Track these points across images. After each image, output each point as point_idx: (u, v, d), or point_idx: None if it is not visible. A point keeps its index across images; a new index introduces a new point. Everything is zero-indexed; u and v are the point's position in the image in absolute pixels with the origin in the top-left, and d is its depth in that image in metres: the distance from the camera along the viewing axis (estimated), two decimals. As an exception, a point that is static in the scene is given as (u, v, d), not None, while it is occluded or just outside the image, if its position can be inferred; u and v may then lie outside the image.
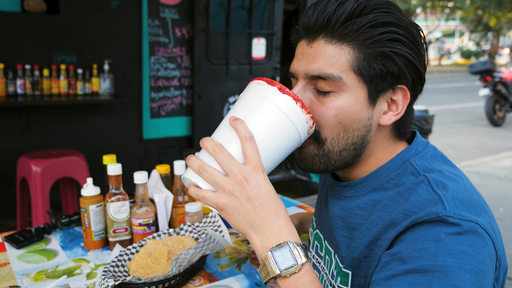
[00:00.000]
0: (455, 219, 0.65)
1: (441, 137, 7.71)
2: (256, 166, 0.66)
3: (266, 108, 0.69)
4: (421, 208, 0.67)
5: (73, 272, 1.15)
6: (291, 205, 1.70)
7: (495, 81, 8.65)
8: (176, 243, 1.19)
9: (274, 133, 0.69)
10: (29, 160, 2.67)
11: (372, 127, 0.78)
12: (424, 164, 0.77)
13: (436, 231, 0.65)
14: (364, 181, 0.81)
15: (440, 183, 0.71)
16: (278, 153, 0.71)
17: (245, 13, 4.00)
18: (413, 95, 0.79)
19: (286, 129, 0.70)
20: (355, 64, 0.74)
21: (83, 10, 3.31)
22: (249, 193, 0.66)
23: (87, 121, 3.45)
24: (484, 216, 0.69)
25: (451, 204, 0.67)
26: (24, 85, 3.12)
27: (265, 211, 0.66)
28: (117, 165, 1.26)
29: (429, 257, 0.62)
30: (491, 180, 5.08)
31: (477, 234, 0.65)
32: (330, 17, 0.74)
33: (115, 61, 3.47)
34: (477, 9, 24.72)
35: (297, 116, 0.70)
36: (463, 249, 0.63)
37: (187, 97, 3.90)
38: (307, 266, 0.66)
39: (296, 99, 0.70)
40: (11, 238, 1.33)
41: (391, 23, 0.73)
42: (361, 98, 0.75)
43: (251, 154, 0.66)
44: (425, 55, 0.77)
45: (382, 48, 0.73)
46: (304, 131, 0.72)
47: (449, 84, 17.23)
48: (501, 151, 6.73)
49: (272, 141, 0.70)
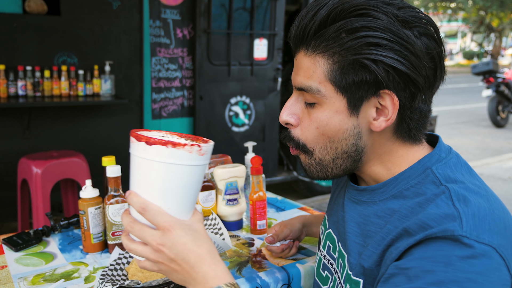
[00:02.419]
0: (470, 240, 0.62)
1: (444, 138, 7.62)
2: (164, 228, 0.67)
3: (146, 167, 0.68)
4: (438, 223, 0.64)
5: (71, 275, 1.14)
6: (293, 207, 1.69)
7: (498, 82, 8.62)
8: (176, 246, 1.17)
9: (167, 183, 0.68)
10: (30, 161, 2.66)
11: (362, 134, 0.75)
12: (447, 172, 0.73)
13: (448, 254, 0.62)
14: (382, 186, 0.78)
15: (462, 197, 0.67)
16: (186, 194, 0.69)
17: (247, 13, 3.99)
18: (410, 97, 0.72)
19: (175, 172, 0.67)
20: (330, 75, 0.72)
21: (84, 11, 3.31)
22: (169, 255, 0.67)
23: (88, 123, 3.44)
24: (505, 235, 0.65)
25: (470, 222, 0.63)
26: (25, 86, 3.11)
27: (188, 265, 0.67)
28: (116, 166, 1.25)
29: (435, 281, 0.61)
30: (494, 182, 5.05)
31: (490, 259, 0.62)
32: (305, 28, 0.73)
33: (116, 62, 3.46)
34: (479, 10, 24.68)
35: (175, 156, 0.67)
36: (472, 278, 0.60)
37: (188, 98, 3.89)
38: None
39: (163, 143, 0.66)
40: (9, 241, 1.32)
41: (363, 27, 0.68)
42: (341, 109, 0.73)
43: (154, 220, 0.67)
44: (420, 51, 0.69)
45: (355, 55, 0.69)
46: (194, 159, 0.68)
47: (451, 85, 17.18)
48: (504, 152, 6.69)
49: (172, 190, 0.68)
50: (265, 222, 1.42)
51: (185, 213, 0.70)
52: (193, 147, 0.67)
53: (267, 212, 1.47)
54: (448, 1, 24.77)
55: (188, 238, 0.67)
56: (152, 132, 0.76)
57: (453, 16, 27.09)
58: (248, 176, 1.54)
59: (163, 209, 0.67)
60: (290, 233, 1.23)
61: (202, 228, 0.70)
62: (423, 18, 0.71)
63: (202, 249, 0.68)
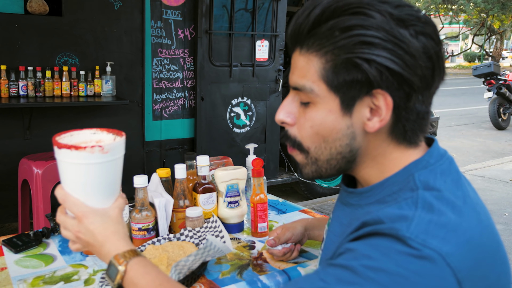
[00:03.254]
0: (414, 242, 0.60)
1: (445, 140, 7.67)
2: (78, 217, 0.80)
3: (61, 167, 0.80)
4: (390, 220, 0.64)
5: (71, 278, 1.13)
6: (294, 209, 1.68)
7: (499, 84, 8.61)
8: (177, 249, 1.16)
9: (79, 180, 0.79)
10: (31, 162, 2.66)
11: (356, 135, 0.73)
12: (428, 179, 0.70)
13: (389, 246, 0.62)
14: (369, 190, 0.77)
15: (428, 204, 0.65)
16: (99, 187, 0.80)
17: (248, 14, 3.98)
18: (405, 97, 0.70)
19: (82, 170, 0.78)
20: (322, 74, 0.71)
21: (85, 12, 3.30)
22: (85, 239, 0.81)
23: (89, 123, 3.43)
24: (467, 249, 0.62)
25: (420, 227, 0.62)
26: (26, 86, 3.11)
27: (99, 244, 0.80)
28: (116, 168, 1.24)
29: (368, 265, 0.61)
30: (495, 184, 5.04)
31: (433, 264, 0.59)
32: (299, 27, 0.72)
33: (117, 63, 3.45)
34: (480, 12, 24.68)
35: (79, 157, 0.76)
36: (405, 274, 0.59)
37: (189, 99, 3.89)
38: (130, 266, 0.77)
39: (68, 147, 0.76)
40: (9, 242, 1.31)
41: (356, 26, 0.67)
42: (334, 108, 0.72)
43: (71, 210, 0.81)
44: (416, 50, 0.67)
45: (347, 54, 0.67)
46: (98, 158, 0.77)
47: (453, 87, 17.17)
48: (505, 154, 6.68)
49: (84, 186, 0.79)
50: (266, 225, 1.42)
51: (102, 203, 0.81)
52: (94, 148, 0.76)
53: (268, 215, 1.47)
54: (450, 3, 24.76)
55: (98, 224, 0.80)
56: (83, 131, 0.86)
57: (455, 18, 27.09)
58: (249, 178, 1.53)
59: (81, 201, 0.80)
60: (292, 236, 1.22)
61: (115, 213, 0.82)
62: (420, 17, 0.69)
63: (108, 231, 0.80)
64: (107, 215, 0.81)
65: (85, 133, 0.87)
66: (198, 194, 1.39)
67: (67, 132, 0.85)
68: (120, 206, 0.84)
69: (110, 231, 0.80)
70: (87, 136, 0.86)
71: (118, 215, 0.83)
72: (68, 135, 0.85)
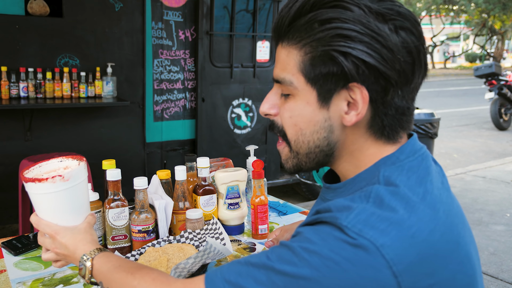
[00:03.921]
0: (350, 231, 0.62)
1: (446, 140, 7.65)
2: (51, 236, 0.92)
3: (31, 196, 0.90)
4: (336, 210, 0.66)
5: (70, 280, 1.12)
6: (295, 211, 1.67)
7: (500, 85, 8.59)
8: (177, 251, 1.16)
9: (46, 206, 0.90)
10: (31, 163, 2.65)
11: (334, 128, 0.73)
12: (391, 175, 0.70)
13: (328, 232, 0.64)
14: (343, 186, 0.78)
15: (379, 198, 0.66)
16: (66, 210, 0.91)
17: (249, 15, 3.98)
18: (382, 91, 0.69)
19: (48, 198, 0.88)
20: (301, 67, 0.72)
21: (86, 13, 3.30)
22: (61, 252, 0.93)
23: (90, 124, 3.43)
24: (410, 244, 0.62)
25: (360, 217, 0.63)
26: (27, 88, 3.11)
27: (71, 253, 0.91)
28: (116, 170, 1.23)
29: (306, 247, 0.64)
30: (497, 185, 5.03)
31: (367, 253, 0.60)
32: (281, 20, 0.73)
33: (118, 64, 3.45)
34: (482, 13, 24.65)
35: (43, 188, 0.87)
36: (337, 259, 0.61)
37: (190, 100, 3.88)
38: (95, 260, 0.87)
39: (32, 180, 0.86)
40: (9, 245, 1.31)
41: (333, 19, 0.67)
42: (311, 101, 0.73)
43: (45, 231, 0.93)
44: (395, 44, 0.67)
45: (324, 47, 0.68)
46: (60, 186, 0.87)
47: (454, 87, 17.15)
48: (507, 155, 6.66)
49: (52, 211, 0.91)
50: (266, 227, 1.41)
51: (73, 221, 0.93)
52: (55, 178, 0.86)
53: (268, 217, 1.46)
54: (451, 4, 24.74)
55: (68, 237, 0.91)
56: (51, 161, 0.97)
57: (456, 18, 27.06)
58: (250, 180, 1.52)
59: (53, 222, 0.92)
60: (291, 238, 1.21)
61: (83, 226, 0.94)
62: (401, 12, 0.69)
63: (76, 240, 0.91)
64: (76, 229, 0.93)
65: (53, 162, 0.97)
66: (198, 196, 1.39)
67: (36, 163, 0.96)
68: (89, 221, 0.96)
69: (79, 239, 0.91)
70: (55, 164, 0.97)
71: (86, 227, 0.94)
72: (37, 166, 0.96)
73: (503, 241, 3.52)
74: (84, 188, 0.94)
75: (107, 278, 0.84)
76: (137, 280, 0.79)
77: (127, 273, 0.81)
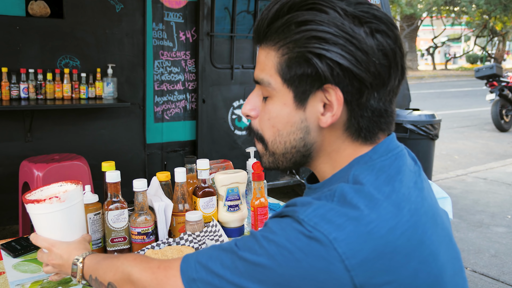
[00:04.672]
0: (307, 224, 0.64)
1: (447, 142, 7.65)
2: (48, 249, 1.02)
3: (31, 216, 1.00)
4: (300, 204, 0.69)
5: (69, 283, 1.12)
6: (295, 213, 1.66)
7: (501, 86, 8.58)
8: (176, 254, 1.15)
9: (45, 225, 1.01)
10: (31, 164, 2.65)
11: (310, 129, 0.74)
12: (360, 174, 0.70)
13: (289, 223, 0.67)
14: (321, 186, 0.78)
15: (342, 195, 0.67)
16: (62, 228, 1.01)
17: (250, 17, 3.98)
18: (356, 93, 0.69)
19: (46, 218, 0.99)
20: (278, 68, 0.73)
21: (87, 14, 3.30)
22: (57, 263, 1.01)
23: (90, 125, 3.43)
24: (365, 240, 0.62)
25: (317, 212, 0.65)
26: (27, 89, 3.11)
27: (66, 262, 0.99)
28: (115, 172, 1.23)
29: (265, 236, 0.67)
30: (498, 186, 5.02)
31: (320, 245, 0.62)
32: (260, 22, 0.74)
33: (118, 65, 3.45)
34: (482, 14, 24.65)
35: (41, 209, 0.97)
36: (291, 248, 0.63)
37: (191, 101, 3.88)
38: (85, 261, 0.95)
39: (31, 201, 0.97)
40: (8, 246, 1.30)
41: (309, 21, 0.68)
42: (288, 102, 0.73)
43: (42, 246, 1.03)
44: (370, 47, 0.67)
45: (299, 48, 0.69)
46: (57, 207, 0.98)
47: (455, 89, 17.14)
48: (508, 156, 6.65)
49: (50, 229, 1.01)
50: (266, 229, 1.40)
51: (69, 238, 1.02)
52: (52, 199, 0.97)
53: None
54: (452, 5, 24.74)
55: (63, 248, 1.00)
56: (51, 185, 1.08)
57: (457, 20, 27.05)
58: (250, 181, 1.52)
59: (50, 238, 1.01)
60: None
61: (79, 240, 1.03)
62: (377, 15, 0.69)
63: (70, 249, 0.99)
64: (71, 242, 1.02)
65: (54, 186, 1.08)
66: (198, 198, 1.38)
67: (37, 188, 1.06)
68: (85, 237, 1.05)
69: (72, 248, 1.00)
70: (55, 189, 1.07)
71: (80, 240, 1.03)
72: (38, 190, 1.06)
73: (504, 243, 3.51)
74: (80, 209, 1.04)
75: (95, 269, 0.91)
76: (120, 260, 0.86)
77: (112, 258, 0.90)
